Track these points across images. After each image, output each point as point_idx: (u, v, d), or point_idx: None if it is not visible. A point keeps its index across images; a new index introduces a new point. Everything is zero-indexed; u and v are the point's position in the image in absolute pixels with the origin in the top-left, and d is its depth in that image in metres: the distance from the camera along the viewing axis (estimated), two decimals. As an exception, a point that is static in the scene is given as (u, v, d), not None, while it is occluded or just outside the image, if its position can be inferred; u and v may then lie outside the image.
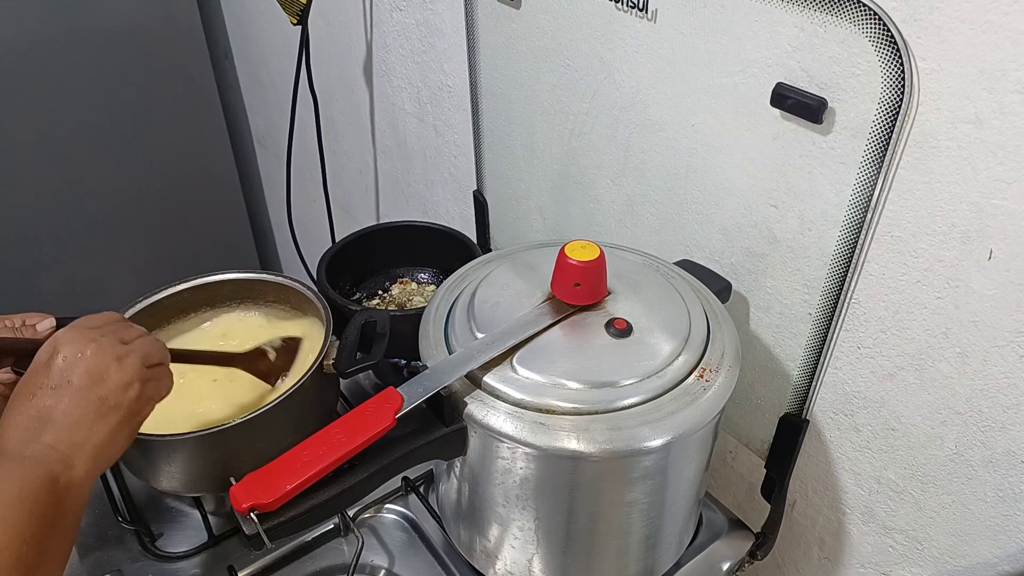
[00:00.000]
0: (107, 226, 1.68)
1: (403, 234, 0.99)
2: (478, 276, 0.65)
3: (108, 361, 0.54)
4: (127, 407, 0.55)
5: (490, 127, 0.93)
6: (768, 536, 0.74)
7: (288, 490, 0.48)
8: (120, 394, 0.54)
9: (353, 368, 0.69)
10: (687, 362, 0.56)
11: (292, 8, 1.11)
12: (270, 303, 0.85)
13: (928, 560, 0.67)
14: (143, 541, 0.73)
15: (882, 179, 0.55)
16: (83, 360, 0.54)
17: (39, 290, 1.64)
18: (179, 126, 1.69)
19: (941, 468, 0.62)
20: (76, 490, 0.51)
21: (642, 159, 0.73)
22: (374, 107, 1.25)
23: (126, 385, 0.55)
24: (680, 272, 0.67)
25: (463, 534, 0.66)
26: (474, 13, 0.87)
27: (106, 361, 0.54)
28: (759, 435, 0.75)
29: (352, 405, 0.82)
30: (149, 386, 0.57)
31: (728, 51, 0.60)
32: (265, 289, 0.84)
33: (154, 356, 0.59)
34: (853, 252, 0.59)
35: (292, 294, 0.82)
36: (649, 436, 0.51)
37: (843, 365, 0.65)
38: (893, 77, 0.51)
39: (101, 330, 0.57)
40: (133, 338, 0.58)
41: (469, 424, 0.54)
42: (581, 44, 0.74)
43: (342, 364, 0.69)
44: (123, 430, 0.55)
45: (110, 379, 0.54)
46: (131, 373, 0.55)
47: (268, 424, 0.67)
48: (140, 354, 0.57)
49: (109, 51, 1.53)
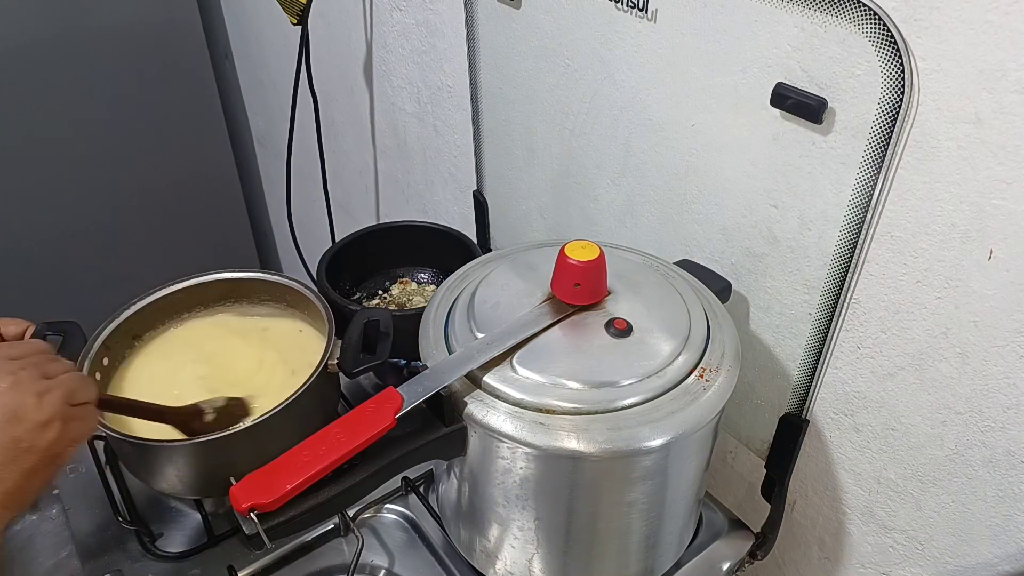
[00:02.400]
0: (106, 226, 1.68)
1: (403, 234, 0.99)
2: (478, 276, 0.65)
3: (25, 397, 0.49)
4: (44, 449, 0.49)
5: (490, 127, 0.93)
6: (768, 536, 0.74)
7: (288, 490, 0.48)
8: (37, 435, 0.49)
9: (359, 368, 0.68)
10: (687, 362, 0.56)
11: (292, 8, 1.11)
12: (270, 303, 0.85)
13: (928, 560, 0.67)
14: (143, 541, 0.73)
15: (882, 179, 0.55)
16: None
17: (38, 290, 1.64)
18: (179, 126, 1.69)
19: (941, 468, 0.62)
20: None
21: (642, 159, 0.73)
22: (374, 107, 1.25)
23: (43, 424, 0.50)
24: (680, 272, 0.67)
25: (463, 534, 0.66)
26: (474, 13, 0.87)
27: (23, 397, 0.49)
28: (759, 435, 0.75)
29: (352, 405, 0.82)
30: (72, 426, 0.52)
31: (728, 51, 0.60)
32: (266, 289, 0.84)
33: (80, 394, 0.53)
34: (853, 252, 0.59)
35: (293, 294, 0.82)
36: (649, 436, 0.51)
37: (843, 365, 0.65)
38: (893, 77, 0.51)
39: (21, 362, 0.52)
40: (57, 373, 0.53)
41: (469, 424, 0.54)
42: (581, 44, 0.74)
43: (348, 364, 0.69)
44: (38, 475, 0.50)
45: (27, 418, 0.49)
46: (51, 411, 0.50)
47: (271, 428, 0.67)
48: (63, 391, 0.52)
49: (109, 51, 1.53)
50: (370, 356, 0.70)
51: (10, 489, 0.48)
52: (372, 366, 0.69)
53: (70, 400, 0.52)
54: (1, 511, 0.48)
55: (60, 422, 0.51)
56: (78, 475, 0.79)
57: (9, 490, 0.48)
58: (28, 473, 0.49)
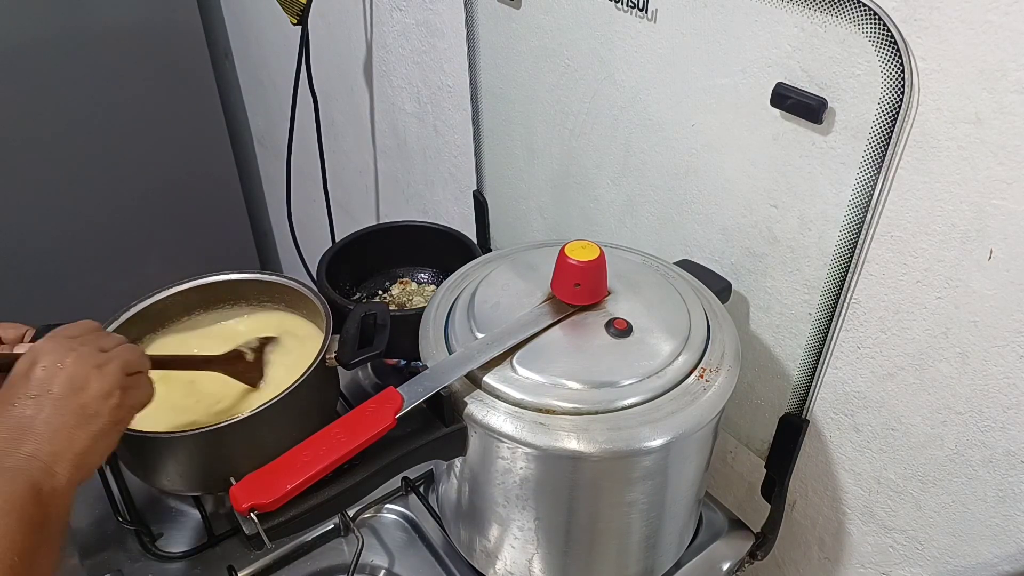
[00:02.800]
0: (106, 226, 1.68)
1: (403, 234, 0.99)
2: (478, 276, 0.65)
3: (88, 370, 0.54)
4: (108, 415, 0.54)
5: (490, 127, 0.93)
6: (768, 536, 0.74)
7: (288, 490, 0.48)
8: (100, 402, 0.54)
9: (356, 359, 0.69)
10: (687, 362, 0.56)
11: (292, 8, 1.11)
12: (270, 303, 0.85)
13: (928, 560, 0.67)
14: (143, 541, 0.73)
15: (882, 179, 0.55)
16: (63, 370, 0.54)
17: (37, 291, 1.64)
18: (179, 126, 1.69)
19: (941, 468, 0.62)
20: (60, 498, 0.50)
21: (642, 159, 0.73)
22: (374, 107, 1.25)
23: (106, 393, 0.55)
24: (680, 272, 0.67)
25: (463, 534, 0.66)
26: (474, 13, 0.87)
27: (86, 370, 0.54)
28: (759, 435, 0.75)
29: (352, 405, 0.82)
30: (130, 394, 0.57)
31: (728, 51, 0.60)
32: (266, 289, 0.84)
33: (134, 364, 0.59)
34: (853, 252, 0.59)
35: (293, 294, 0.82)
36: (649, 436, 0.51)
37: (843, 365, 0.65)
38: (893, 77, 0.51)
39: (80, 339, 0.57)
40: (112, 346, 0.58)
41: (469, 424, 0.54)
42: (581, 44, 0.74)
43: (345, 356, 0.69)
44: (104, 438, 0.54)
45: (90, 387, 0.54)
46: (111, 381, 0.55)
47: (268, 422, 0.67)
48: (120, 362, 0.57)
49: (109, 51, 1.53)
50: (368, 348, 0.70)
51: (81, 450, 0.52)
52: (369, 356, 0.69)
53: (126, 370, 0.57)
54: (74, 471, 0.52)
55: (120, 390, 0.56)
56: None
57: (80, 451, 0.52)
58: (96, 436, 0.54)
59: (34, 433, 0.51)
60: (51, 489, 0.50)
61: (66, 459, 0.51)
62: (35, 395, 0.52)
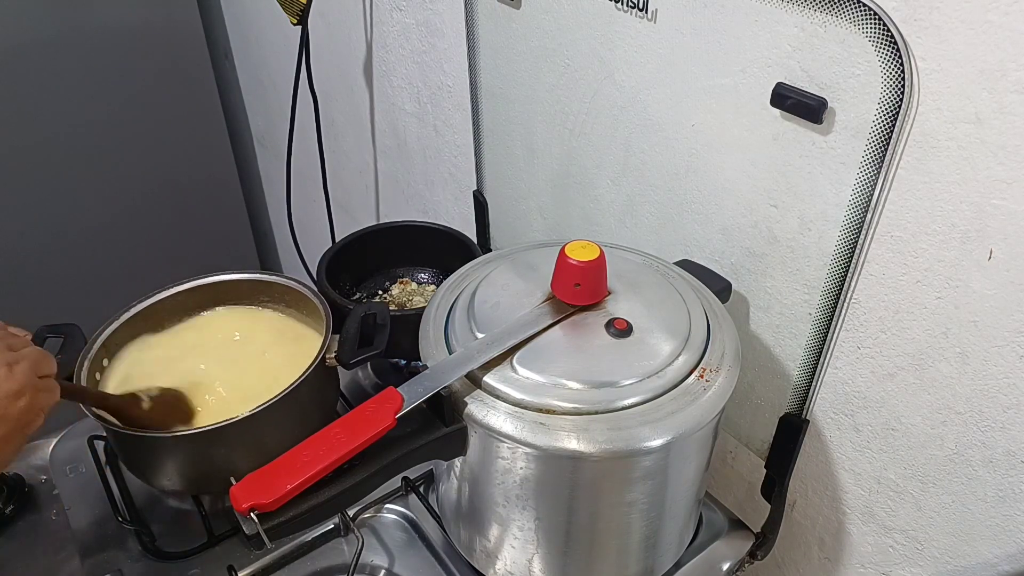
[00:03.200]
0: (106, 226, 1.68)
1: (403, 234, 0.99)
2: (478, 276, 0.65)
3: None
4: (15, 418, 0.52)
5: (490, 127, 0.93)
6: (768, 536, 0.74)
7: (288, 490, 0.48)
8: (9, 404, 0.51)
9: (356, 359, 0.69)
10: (687, 362, 0.56)
11: (292, 8, 1.11)
12: (270, 303, 0.85)
13: (928, 560, 0.67)
14: (143, 541, 0.73)
15: (882, 179, 0.55)
16: None
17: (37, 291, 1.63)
18: (179, 126, 1.69)
19: (941, 468, 0.62)
20: None
21: (642, 159, 0.73)
22: (374, 107, 1.25)
23: (16, 394, 0.52)
24: (680, 272, 0.67)
25: (463, 534, 0.66)
26: (474, 13, 0.87)
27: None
28: (759, 435, 0.75)
29: (352, 405, 0.82)
30: (40, 396, 0.54)
31: (728, 51, 0.60)
32: (266, 289, 0.84)
33: (44, 367, 0.56)
34: (853, 252, 0.59)
35: (292, 294, 0.82)
36: (649, 436, 0.51)
37: (843, 365, 0.65)
38: (893, 77, 0.51)
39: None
40: (21, 347, 0.56)
41: (469, 424, 0.54)
42: (581, 44, 0.74)
43: (345, 355, 0.69)
44: (10, 442, 0.52)
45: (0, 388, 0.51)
46: (22, 381, 0.52)
47: (268, 421, 0.67)
48: (30, 362, 0.54)
49: (109, 51, 1.53)
50: (369, 348, 0.70)
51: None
52: (369, 356, 0.69)
53: (37, 372, 0.54)
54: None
55: (30, 391, 0.53)
56: (78, 475, 0.79)
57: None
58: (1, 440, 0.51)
59: None
60: None
61: None
62: None
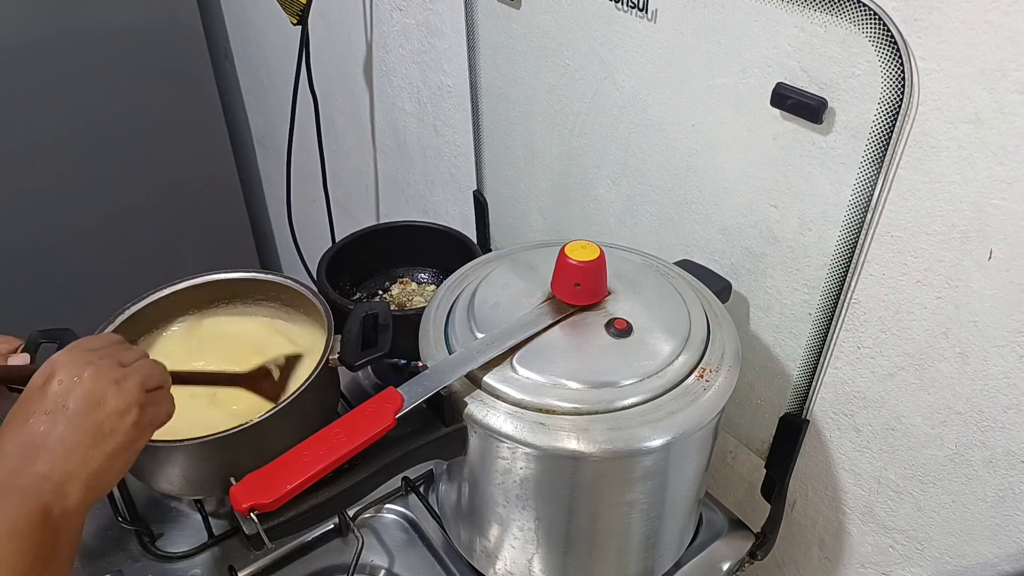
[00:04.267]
0: (106, 226, 1.68)
1: (403, 234, 0.99)
2: (478, 276, 0.64)
3: (106, 385, 0.52)
4: (124, 433, 0.52)
5: (490, 127, 0.93)
6: (768, 536, 0.74)
7: (288, 490, 0.48)
8: (117, 420, 0.52)
9: (361, 360, 0.68)
10: (687, 362, 0.56)
11: (292, 8, 1.11)
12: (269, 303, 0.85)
13: (928, 560, 0.67)
14: (143, 541, 0.73)
15: (882, 179, 0.55)
16: (79, 384, 0.51)
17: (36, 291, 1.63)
18: (179, 126, 1.69)
19: (941, 468, 0.62)
20: (71, 520, 0.48)
21: (642, 159, 0.73)
22: (374, 107, 1.25)
23: (124, 410, 0.52)
24: (680, 272, 0.67)
25: (463, 534, 0.66)
26: (474, 13, 0.87)
27: (103, 385, 0.52)
28: (759, 435, 0.75)
29: (352, 405, 0.82)
30: (148, 411, 0.55)
31: (728, 51, 0.60)
32: (265, 289, 0.83)
33: (154, 379, 0.56)
34: (853, 252, 0.59)
35: (292, 294, 0.82)
36: (649, 436, 0.51)
37: (843, 365, 0.65)
38: (893, 77, 0.51)
39: (99, 352, 0.55)
40: (132, 360, 0.56)
41: (469, 424, 0.54)
42: (581, 44, 0.74)
43: (349, 357, 0.68)
44: (120, 457, 0.52)
45: (107, 404, 0.52)
46: (129, 398, 0.53)
47: (271, 429, 0.66)
48: (139, 377, 0.54)
49: (109, 51, 1.53)
50: (373, 348, 0.69)
51: (95, 470, 0.50)
52: (374, 358, 0.69)
53: (146, 386, 0.55)
54: (87, 491, 0.50)
55: (138, 407, 0.53)
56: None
57: (94, 471, 0.50)
58: (111, 456, 0.51)
59: (47, 451, 0.49)
60: (62, 511, 0.48)
61: (79, 479, 0.49)
62: (49, 411, 0.50)
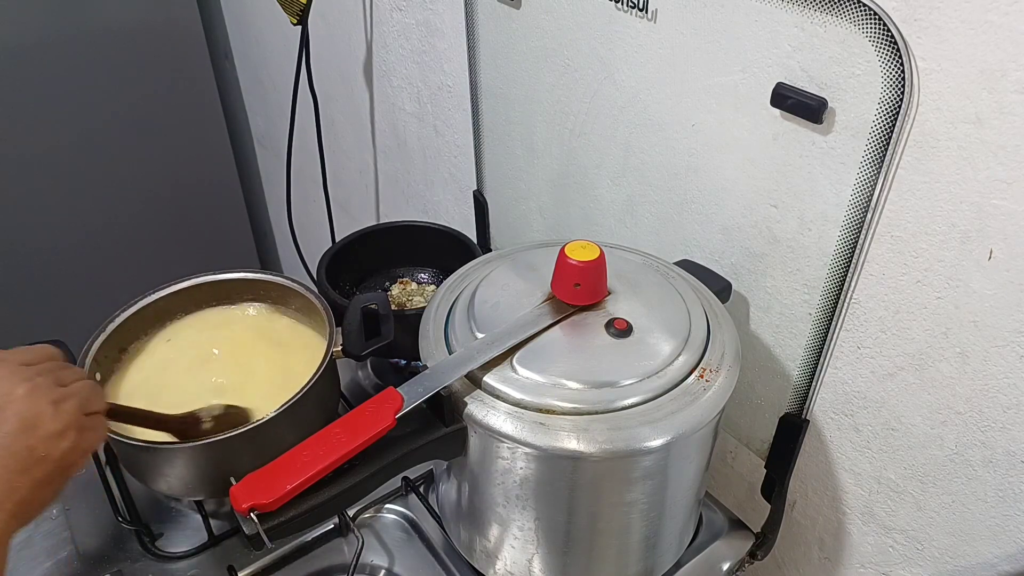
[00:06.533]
0: (106, 226, 1.68)
1: (403, 234, 0.99)
2: (478, 276, 0.64)
3: (42, 406, 0.48)
4: (57, 459, 0.48)
5: (490, 127, 0.93)
6: (768, 536, 0.74)
7: (288, 490, 0.48)
8: (52, 444, 0.48)
9: (368, 349, 0.67)
10: (687, 362, 0.56)
11: (292, 8, 1.11)
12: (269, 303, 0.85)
13: (928, 560, 0.67)
14: (143, 541, 0.73)
15: (882, 179, 0.55)
16: (13, 402, 0.47)
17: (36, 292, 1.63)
18: (179, 127, 1.69)
19: (941, 468, 0.62)
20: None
21: (642, 159, 0.73)
22: (374, 107, 1.25)
23: (59, 434, 0.48)
24: (680, 272, 0.67)
25: (463, 534, 0.66)
26: (474, 13, 0.87)
27: (39, 405, 0.48)
28: (759, 435, 0.75)
29: (352, 405, 0.82)
30: (86, 436, 0.51)
31: (728, 51, 0.60)
32: (265, 289, 0.83)
33: (93, 403, 0.53)
34: (853, 252, 0.59)
35: (292, 294, 0.82)
36: (649, 436, 0.51)
37: (843, 365, 0.65)
38: (893, 77, 0.51)
39: (37, 368, 0.51)
40: (71, 380, 0.52)
41: (469, 424, 0.54)
42: (581, 44, 0.74)
43: (353, 348, 0.68)
44: (50, 484, 0.48)
45: (42, 427, 0.48)
46: (67, 420, 0.49)
47: (272, 430, 0.66)
48: (79, 400, 0.50)
49: (109, 52, 1.53)
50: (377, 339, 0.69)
51: (22, 499, 0.47)
52: (380, 345, 0.68)
53: (84, 409, 0.51)
54: (11, 520, 0.46)
55: (75, 431, 0.49)
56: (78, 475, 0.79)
57: (21, 500, 0.47)
58: (41, 483, 0.48)
59: None
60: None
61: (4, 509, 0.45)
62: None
